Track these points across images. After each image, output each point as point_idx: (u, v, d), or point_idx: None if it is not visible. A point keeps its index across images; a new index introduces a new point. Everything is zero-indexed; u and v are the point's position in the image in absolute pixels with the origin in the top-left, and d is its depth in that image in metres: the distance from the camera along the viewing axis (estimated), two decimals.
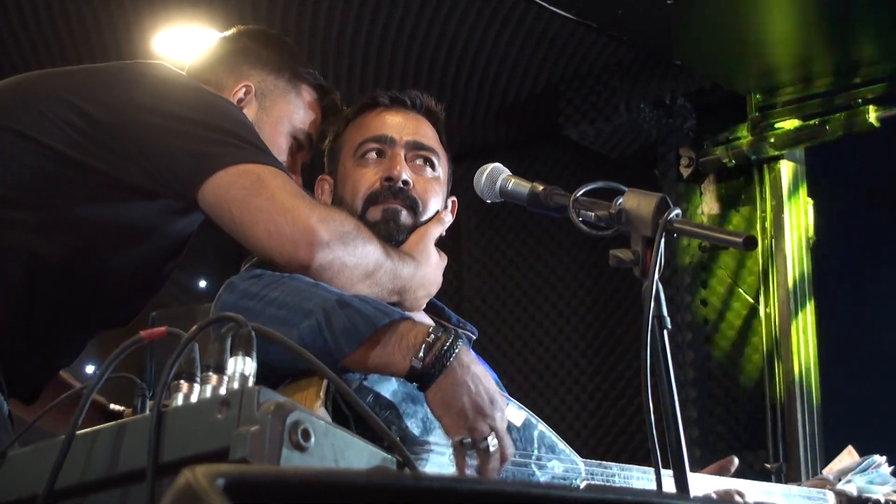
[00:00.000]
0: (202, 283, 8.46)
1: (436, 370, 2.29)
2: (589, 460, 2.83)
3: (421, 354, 2.29)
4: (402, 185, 2.95)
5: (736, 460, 3.20)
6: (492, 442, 2.31)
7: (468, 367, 2.33)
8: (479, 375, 2.34)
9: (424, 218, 2.95)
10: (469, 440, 2.29)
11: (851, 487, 3.51)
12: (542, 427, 2.71)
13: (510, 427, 2.57)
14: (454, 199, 3.10)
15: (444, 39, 6.18)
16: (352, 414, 2.29)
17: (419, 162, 3.02)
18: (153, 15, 5.92)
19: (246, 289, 2.48)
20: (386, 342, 2.32)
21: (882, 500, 3.53)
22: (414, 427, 2.42)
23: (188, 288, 8.40)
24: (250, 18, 5.96)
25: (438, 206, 3.01)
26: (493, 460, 2.31)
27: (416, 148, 3.02)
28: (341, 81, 6.60)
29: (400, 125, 3.05)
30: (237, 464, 1.40)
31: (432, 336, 2.32)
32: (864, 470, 3.57)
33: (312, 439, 1.49)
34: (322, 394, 2.28)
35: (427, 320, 2.97)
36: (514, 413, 2.63)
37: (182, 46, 6.21)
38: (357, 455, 1.56)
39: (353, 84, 6.62)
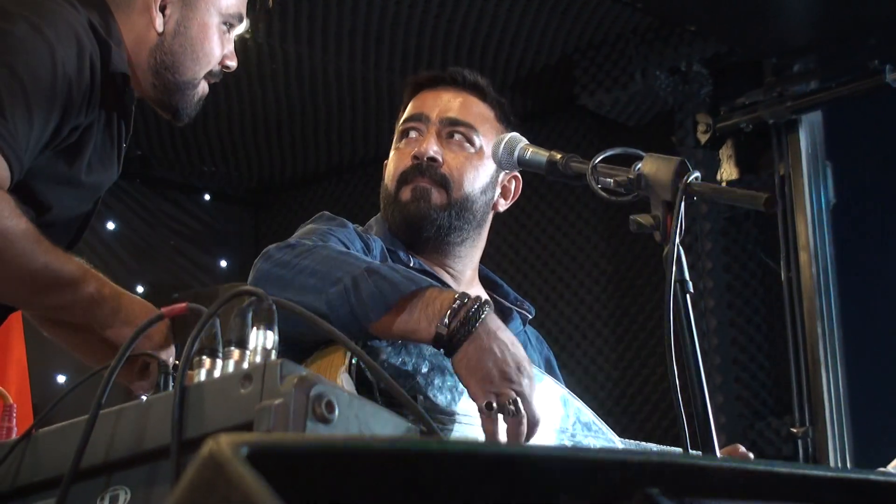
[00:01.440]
0: (223, 264, 8.48)
1: (461, 336, 2.29)
2: (626, 439, 2.83)
3: (446, 320, 2.29)
4: (429, 162, 2.94)
5: (751, 456, 3.18)
6: (518, 407, 2.30)
7: (494, 332, 2.33)
8: (506, 342, 2.34)
9: (460, 195, 2.95)
10: (495, 405, 2.29)
11: None
12: (578, 404, 2.71)
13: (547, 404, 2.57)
14: (517, 174, 3.07)
15: (458, 13, 6.16)
16: (375, 381, 2.30)
17: (456, 137, 3.00)
18: None
19: (279, 258, 2.49)
20: (412, 309, 2.33)
21: None
22: (440, 398, 2.43)
23: (210, 269, 8.43)
24: None
25: (479, 182, 3.00)
26: (521, 425, 2.30)
27: (451, 124, 3.01)
28: (356, 57, 6.60)
29: (436, 103, 3.04)
30: (262, 433, 1.40)
31: (458, 302, 2.32)
32: None
33: (336, 411, 1.48)
34: (346, 360, 2.30)
35: (482, 294, 2.98)
36: (550, 388, 2.63)
37: None
38: (382, 425, 1.56)
39: (368, 60, 6.62)
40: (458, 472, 0.90)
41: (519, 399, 2.30)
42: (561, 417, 2.65)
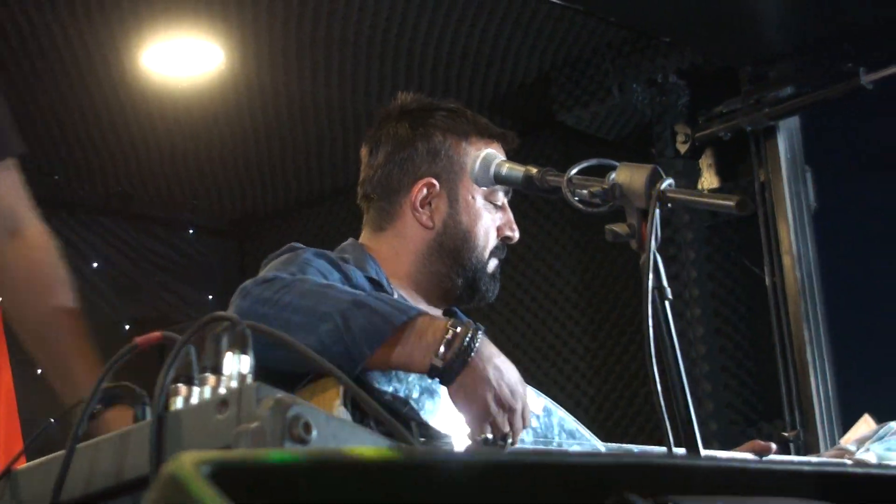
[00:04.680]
0: (210, 297, 8.46)
1: (457, 367, 2.30)
2: (609, 444, 2.83)
3: (441, 351, 2.30)
4: None
5: (774, 447, 3.22)
6: (508, 443, 2.32)
7: (490, 359, 2.35)
8: (501, 368, 2.35)
9: None
10: (491, 436, 2.30)
11: (870, 456, 3.49)
12: (560, 413, 2.72)
13: (532, 415, 2.57)
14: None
15: (433, 35, 6.17)
16: (370, 412, 2.29)
17: None
18: (140, 30, 5.91)
19: (259, 294, 2.46)
20: (405, 341, 2.33)
21: None
22: (433, 421, 2.42)
23: (197, 303, 8.41)
24: (238, 29, 5.97)
25: None
26: None
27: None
28: (332, 84, 6.60)
29: None
30: (223, 450, 1.39)
31: (451, 332, 2.32)
32: (882, 438, 3.56)
33: (314, 432, 1.48)
34: (340, 393, 2.29)
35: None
36: (533, 400, 2.63)
37: (172, 60, 6.21)
38: (361, 444, 1.55)
39: (345, 86, 6.62)
40: (428, 482, 0.90)
41: (513, 422, 2.32)
42: (545, 427, 2.65)
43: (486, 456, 0.95)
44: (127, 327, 7.89)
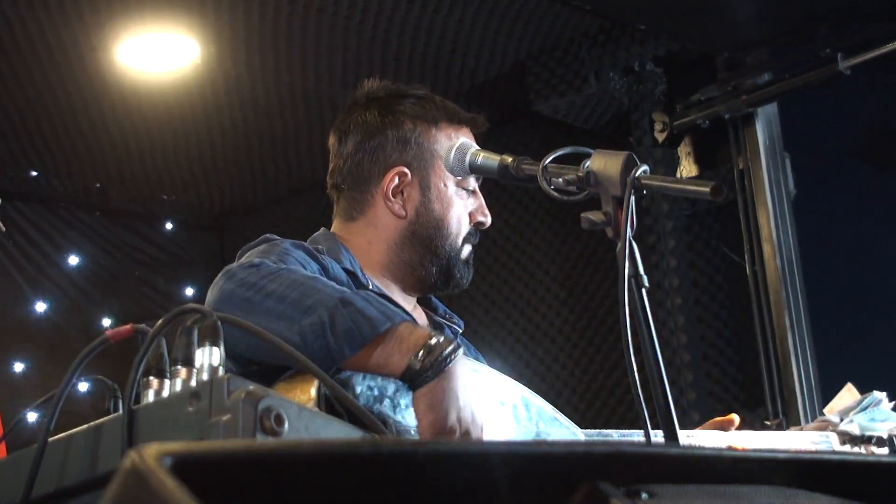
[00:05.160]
0: (189, 292, 8.44)
1: (432, 372, 2.28)
2: (588, 430, 2.83)
3: (420, 355, 2.28)
4: None
5: (737, 419, 3.21)
6: None
7: (463, 378, 2.33)
8: (470, 391, 2.34)
9: None
10: None
11: (853, 427, 3.49)
12: (538, 402, 2.71)
13: (509, 404, 2.57)
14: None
15: (409, 24, 6.15)
16: (345, 407, 2.28)
17: None
18: (115, 24, 5.87)
19: (244, 278, 2.43)
20: (386, 344, 2.31)
21: (885, 437, 3.52)
22: (409, 418, 2.41)
23: (176, 297, 8.39)
24: (214, 23, 5.94)
25: None
26: None
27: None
28: (309, 75, 6.58)
29: None
30: (186, 441, 1.38)
31: (434, 340, 2.31)
32: (865, 408, 3.56)
33: (286, 424, 1.47)
34: (315, 390, 2.28)
35: (422, 318, 2.98)
36: (510, 389, 2.62)
37: (147, 55, 6.18)
38: (333, 436, 1.54)
39: (321, 77, 6.60)
40: (392, 473, 0.89)
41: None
42: (525, 418, 2.64)
43: (456, 446, 0.94)
44: (107, 322, 7.87)
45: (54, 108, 6.70)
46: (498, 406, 2.56)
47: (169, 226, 8.51)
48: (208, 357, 1.65)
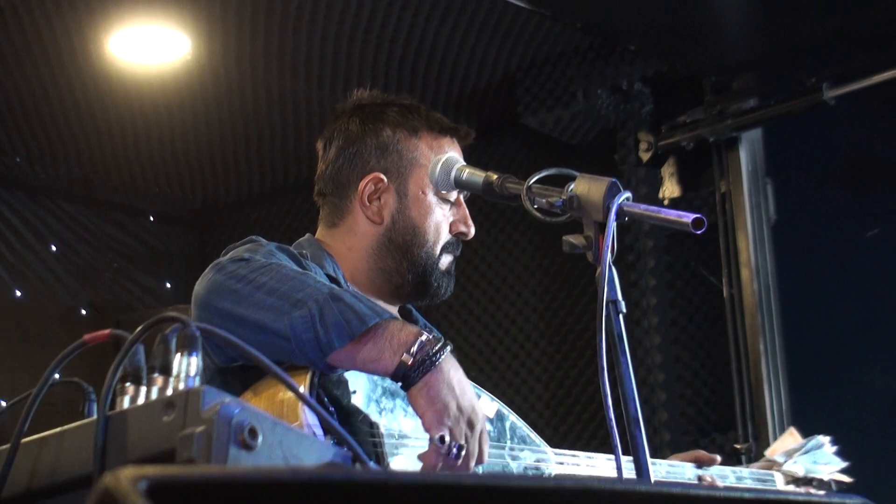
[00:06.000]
0: (168, 285, 8.43)
1: (425, 367, 2.30)
2: (558, 450, 2.84)
3: (413, 350, 2.30)
4: None
5: (718, 458, 3.26)
6: (461, 453, 2.32)
7: (456, 370, 2.36)
8: (464, 384, 2.36)
9: None
10: (448, 439, 2.30)
11: (798, 468, 3.58)
12: (513, 418, 2.73)
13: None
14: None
15: (401, 32, 6.16)
16: (334, 406, 2.30)
17: None
18: (107, 15, 5.87)
19: (234, 271, 2.45)
20: (377, 340, 2.33)
21: (826, 480, 3.60)
22: (392, 421, 2.43)
23: (154, 291, 8.38)
24: (206, 19, 5.94)
25: None
26: (462, 468, 2.32)
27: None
28: (298, 76, 6.58)
29: None
30: (162, 465, 1.39)
31: (424, 337, 2.33)
32: (809, 451, 3.63)
33: (260, 437, 1.48)
34: (307, 385, 2.29)
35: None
36: (486, 404, 2.64)
37: (138, 47, 6.17)
38: (307, 451, 1.55)
39: (311, 79, 6.60)
40: (364, 502, 0.90)
41: (470, 436, 2.33)
42: (498, 432, 2.66)
43: (428, 477, 0.95)
44: (83, 312, 7.86)
45: (42, 96, 6.69)
46: None
47: (150, 219, 8.49)
48: (186, 366, 1.65)
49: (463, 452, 2.32)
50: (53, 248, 7.87)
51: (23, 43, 6.10)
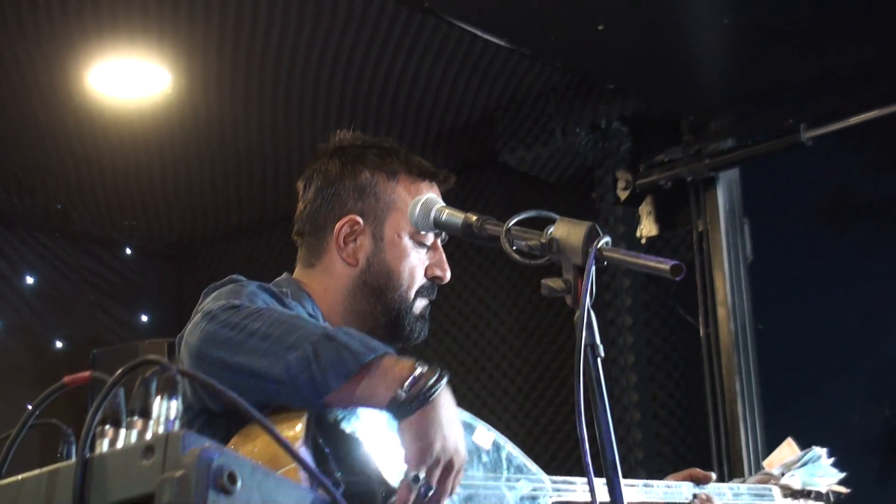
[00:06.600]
0: (143, 319, 8.41)
1: (417, 403, 2.30)
2: (555, 477, 2.86)
3: (407, 385, 2.31)
4: None
5: (714, 476, 3.28)
6: (431, 495, 2.33)
7: (447, 407, 2.37)
8: (454, 421, 2.37)
9: None
10: (422, 478, 2.31)
11: (795, 481, 3.57)
12: (509, 448, 2.75)
13: (481, 450, 2.60)
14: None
15: (380, 69, 6.18)
16: (331, 450, 2.30)
17: None
18: (87, 49, 5.87)
19: (227, 319, 2.44)
20: (371, 376, 2.33)
21: (824, 492, 3.60)
22: (379, 462, 2.43)
23: (130, 324, 8.35)
24: (187, 53, 5.95)
25: None
26: None
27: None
28: (278, 112, 6.60)
29: None
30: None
31: (418, 370, 2.33)
32: (806, 463, 3.63)
33: (239, 482, 1.48)
34: (303, 433, 2.29)
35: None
36: (483, 435, 2.66)
37: (118, 81, 6.18)
38: (286, 496, 1.55)
39: (290, 115, 6.62)
40: None
41: (445, 478, 2.33)
42: (494, 462, 2.68)
43: None
44: (59, 344, 7.84)
45: (21, 127, 6.68)
46: (471, 448, 2.60)
47: (128, 251, 8.48)
48: (165, 409, 1.65)
49: (431, 493, 2.33)
50: (30, 279, 7.85)
51: (2, 75, 6.10)
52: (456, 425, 2.38)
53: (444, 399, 2.36)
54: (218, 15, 5.66)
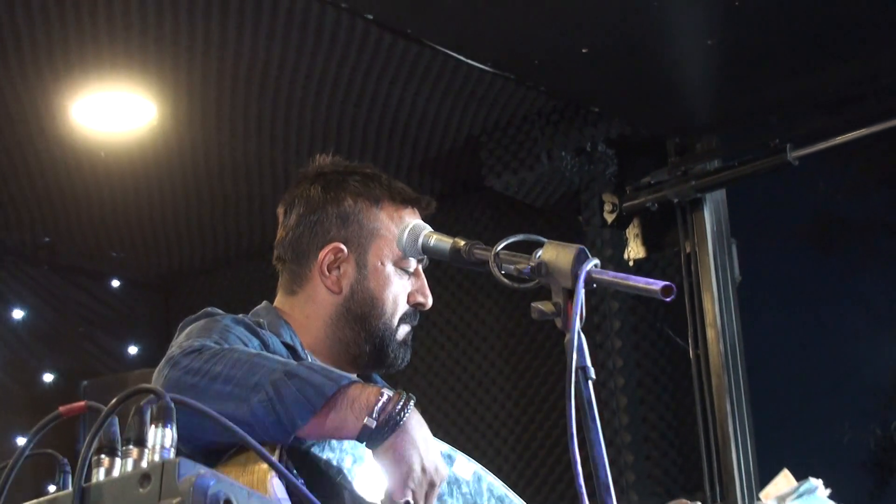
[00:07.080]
0: (132, 350, 8.40)
1: (388, 429, 2.31)
2: None
3: (375, 413, 2.31)
4: None
5: None
6: None
7: (419, 428, 2.36)
8: (429, 440, 2.37)
9: None
10: (412, 503, 2.31)
11: None
12: (490, 479, 2.75)
13: (460, 481, 2.59)
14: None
15: (365, 96, 6.19)
16: (304, 480, 2.30)
17: None
18: (71, 81, 5.87)
19: (188, 365, 2.43)
20: (339, 408, 2.33)
21: None
22: (366, 490, 2.43)
23: (119, 355, 8.34)
24: (172, 86, 5.96)
25: None
26: None
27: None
28: (264, 141, 6.60)
29: None
30: None
31: (385, 396, 2.34)
32: (802, 495, 3.61)
33: None
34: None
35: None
36: (463, 465, 2.66)
37: (103, 113, 6.17)
38: None
39: (275, 144, 6.63)
40: None
41: (430, 496, 2.34)
42: (475, 493, 2.67)
43: None
44: (49, 377, 7.82)
45: (6, 161, 6.67)
46: (452, 479, 2.60)
47: (115, 283, 8.48)
48: (160, 438, 1.66)
49: None
50: (18, 313, 7.84)
51: None
52: (430, 442, 2.38)
53: (415, 420, 2.36)
54: (202, 46, 5.66)
